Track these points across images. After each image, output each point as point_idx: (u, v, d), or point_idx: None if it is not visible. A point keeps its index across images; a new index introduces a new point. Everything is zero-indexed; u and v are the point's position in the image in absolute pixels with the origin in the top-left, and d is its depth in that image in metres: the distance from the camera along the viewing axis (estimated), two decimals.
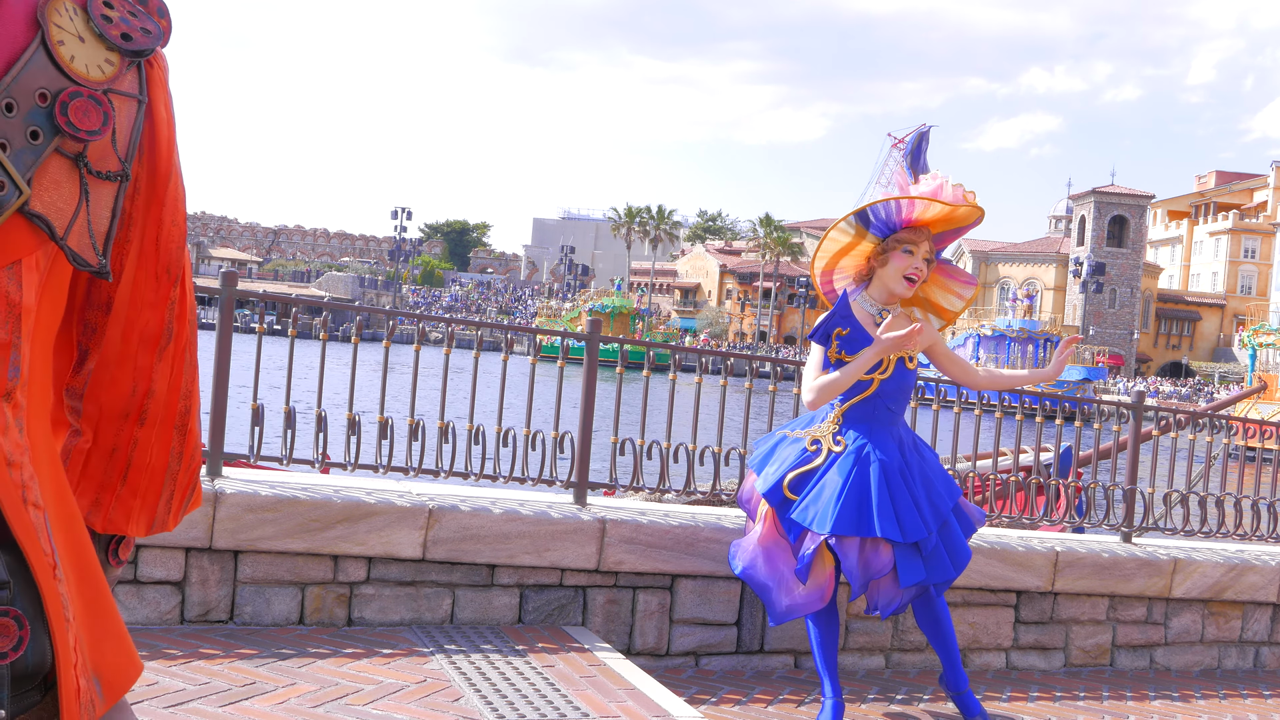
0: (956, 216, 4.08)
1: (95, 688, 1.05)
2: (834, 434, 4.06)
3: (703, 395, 5.07)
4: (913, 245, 4.04)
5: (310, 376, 4.79)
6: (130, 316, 1.13)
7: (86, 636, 1.05)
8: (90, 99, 0.99)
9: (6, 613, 0.95)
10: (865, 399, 4.05)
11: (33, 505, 0.99)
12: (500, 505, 4.45)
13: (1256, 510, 6.03)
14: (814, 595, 4.06)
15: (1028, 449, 8.32)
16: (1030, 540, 5.31)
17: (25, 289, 0.98)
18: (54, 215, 0.98)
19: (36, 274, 0.99)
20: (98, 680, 1.06)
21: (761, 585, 4.14)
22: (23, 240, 0.96)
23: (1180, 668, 5.60)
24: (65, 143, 0.98)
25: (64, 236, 0.99)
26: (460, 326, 5.00)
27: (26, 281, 0.98)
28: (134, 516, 1.19)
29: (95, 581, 1.08)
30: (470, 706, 3.47)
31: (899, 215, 4.05)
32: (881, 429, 4.06)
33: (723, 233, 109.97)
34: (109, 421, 1.16)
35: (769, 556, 4.12)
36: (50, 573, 0.99)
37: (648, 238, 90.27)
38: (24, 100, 0.95)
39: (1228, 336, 78.70)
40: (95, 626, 1.07)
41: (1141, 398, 5.93)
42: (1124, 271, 76.38)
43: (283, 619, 4.15)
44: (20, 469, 0.98)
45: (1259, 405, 25.63)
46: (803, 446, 4.08)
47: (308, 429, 4.68)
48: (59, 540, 1.03)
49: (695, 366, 5.44)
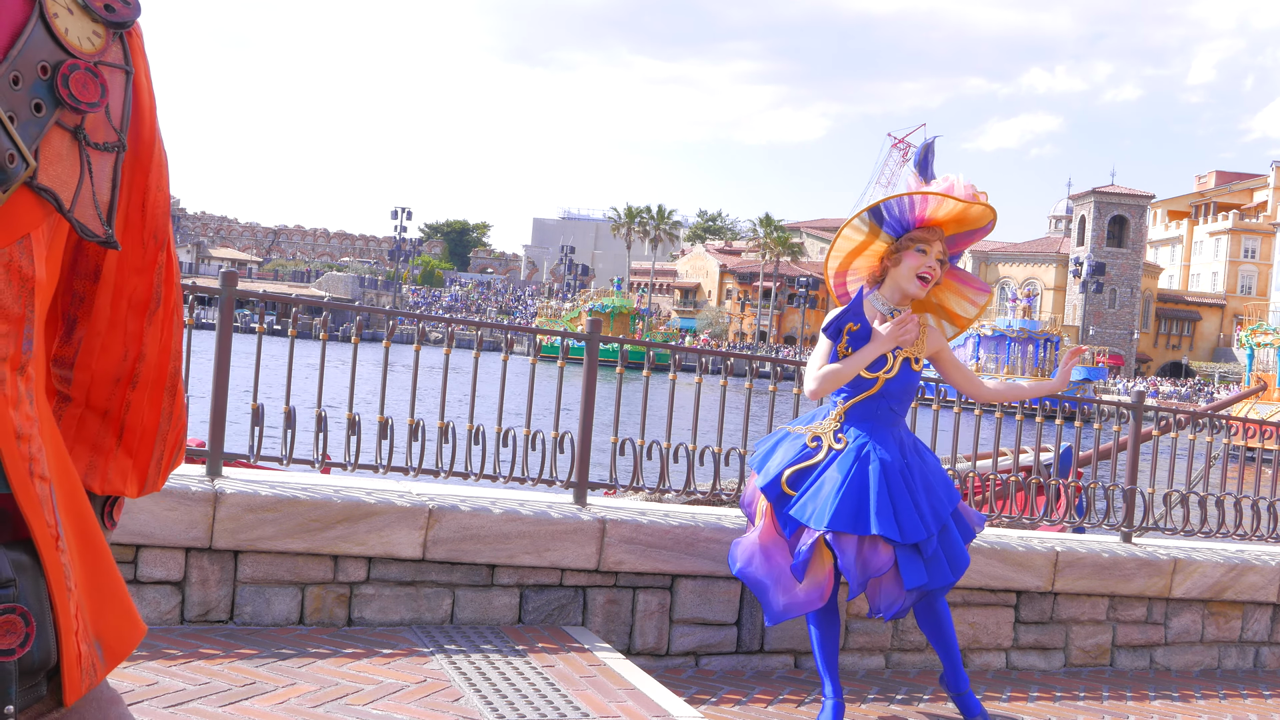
0: (970, 217, 4.08)
1: (97, 652, 1.07)
2: (835, 431, 4.05)
3: (703, 395, 5.07)
4: (926, 245, 4.04)
5: (310, 376, 4.79)
6: (119, 283, 1.14)
7: (88, 601, 1.07)
8: (87, 71, 1.00)
9: (13, 610, 0.96)
10: (869, 398, 4.05)
11: (39, 478, 1.00)
12: (500, 505, 4.45)
13: (1256, 510, 6.03)
14: (812, 594, 4.04)
15: (1028, 449, 8.32)
16: (1030, 540, 5.31)
17: (36, 262, 0.99)
18: (60, 188, 0.99)
19: (44, 247, 1.01)
20: (99, 644, 1.08)
21: (758, 584, 4.13)
22: (32, 214, 0.98)
23: (1180, 668, 5.60)
24: (65, 115, 0.99)
25: (70, 209, 1.00)
26: (460, 326, 5.00)
27: (37, 255, 1.00)
28: (129, 477, 1.21)
29: (97, 547, 1.10)
30: (470, 706, 3.47)
31: (912, 213, 4.04)
32: (884, 429, 4.05)
33: (723, 233, 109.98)
34: (101, 387, 1.17)
35: (767, 554, 4.11)
36: (53, 545, 1.01)
37: (648, 238, 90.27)
38: (28, 73, 0.96)
39: (1228, 336, 78.67)
40: (97, 591, 1.09)
41: (1141, 398, 5.93)
42: (1124, 271, 76.38)
43: (283, 619, 4.15)
44: (30, 441, 1.00)
45: (1257, 405, 25.59)
46: (803, 442, 4.07)
47: (308, 429, 4.68)
48: (63, 509, 1.04)
49: (695, 366, 5.44)
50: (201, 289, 4.67)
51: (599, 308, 64.00)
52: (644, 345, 5.24)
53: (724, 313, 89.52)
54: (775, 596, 4.09)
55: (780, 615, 4.09)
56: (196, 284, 4.70)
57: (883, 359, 4.03)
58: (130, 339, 1.16)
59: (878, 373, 4.03)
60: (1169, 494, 5.94)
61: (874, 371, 4.02)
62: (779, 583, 4.08)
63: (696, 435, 5.04)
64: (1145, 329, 79.95)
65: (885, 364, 4.04)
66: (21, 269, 0.98)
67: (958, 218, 4.07)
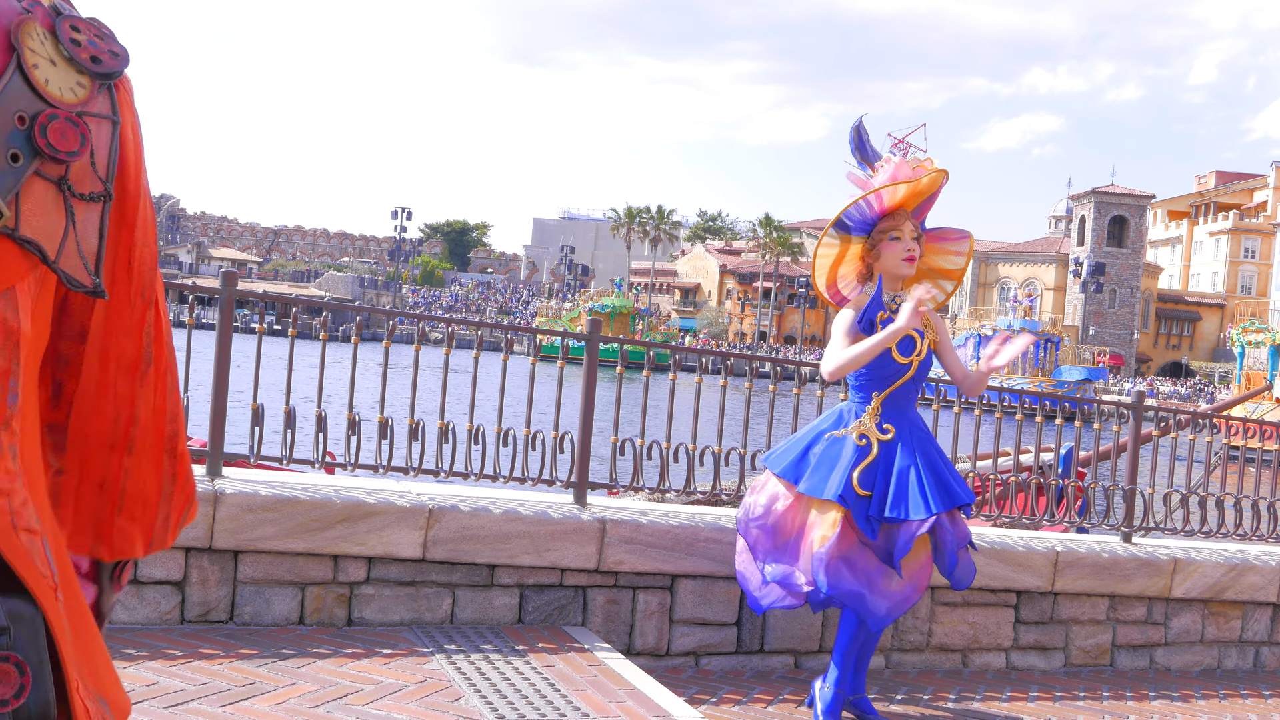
0: (923, 189, 4.17)
1: (104, 709, 1.06)
2: (877, 424, 4.06)
3: (703, 395, 5.07)
4: (897, 230, 4.12)
5: (310, 377, 4.78)
6: (106, 344, 1.12)
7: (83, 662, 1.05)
8: (67, 120, 0.99)
9: (7, 659, 0.94)
10: (903, 385, 4.08)
11: (25, 530, 0.99)
12: (500, 505, 4.45)
13: (1256, 510, 6.03)
14: (909, 588, 4.02)
15: (1029, 449, 8.32)
16: (1030, 540, 5.31)
17: (21, 315, 0.99)
18: (44, 239, 0.98)
19: (30, 300, 1.00)
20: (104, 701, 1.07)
21: (855, 594, 3.98)
22: (16, 265, 0.97)
23: (1180, 668, 5.60)
24: (46, 165, 0.98)
25: (56, 260, 0.99)
26: (460, 326, 5.00)
27: (22, 307, 0.99)
28: (135, 540, 1.19)
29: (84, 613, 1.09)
30: (470, 706, 3.47)
31: (872, 211, 4.15)
32: (911, 414, 4.12)
33: (723, 233, 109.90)
34: (95, 453, 1.15)
35: (850, 563, 3.99)
36: (52, 594, 1.00)
37: (648, 238, 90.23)
38: (3, 123, 0.95)
39: (1227, 337, 78.64)
40: (89, 654, 1.08)
41: (1141, 398, 5.93)
42: (1124, 271, 76.35)
43: (283, 619, 4.15)
44: (11, 496, 0.98)
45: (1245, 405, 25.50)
46: (853, 444, 4.03)
47: (308, 429, 4.68)
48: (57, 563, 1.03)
49: (695, 366, 5.44)
50: (201, 289, 4.68)
51: (599, 308, 63.99)
52: (644, 345, 5.24)
53: (724, 313, 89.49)
54: (876, 602, 3.98)
55: (885, 620, 4.00)
56: (196, 284, 4.71)
57: (913, 343, 4.06)
58: (121, 402, 1.14)
59: (910, 357, 4.06)
60: (1169, 494, 5.94)
61: (906, 356, 4.05)
62: (873, 587, 3.98)
63: (696, 435, 5.04)
64: (1145, 329, 79.93)
65: (915, 347, 4.07)
66: (6, 321, 0.97)
67: (913, 193, 4.17)
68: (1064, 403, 5.75)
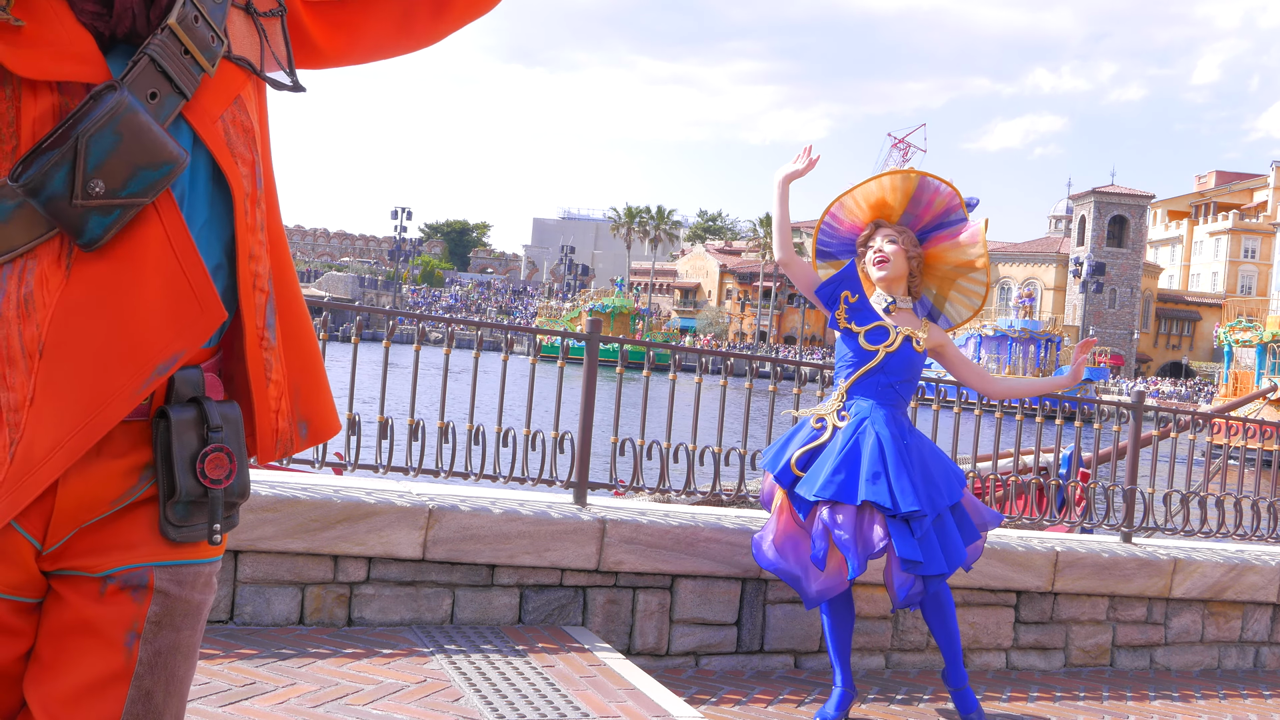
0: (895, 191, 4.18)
1: (299, 430, 1.29)
2: (838, 410, 4.10)
3: (703, 395, 5.07)
4: (870, 243, 4.21)
5: None
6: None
7: (302, 389, 1.30)
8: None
9: (221, 449, 1.18)
10: (869, 373, 4.08)
11: (259, 290, 1.23)
12: (500, 505, 4.45)
13: (1256, 510, 6.03)
14: (836, 576, 4.07)
15: (1030, 450, 8.32)
16: (1030, 540, 5.31)
17: (251, 115, 1.23)
18: (250, 55, 1.22)
19: (253, 107, 1.24)
20: (305, 424, 1.30)
21: (791, 575, 4.15)
22: (236, 79, 1.21)
23: (1180, 668, 5.60)
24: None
25: (261, 69, 1.24)
26: (460, 326, 5.00)
27: (249, 110, 1.23)
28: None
29: (308, 349, 1.30)
30: (470, 706, 3.47)
31: (841, 232, 4.28)
32: (885, 408, 4.07)
33: (723, 233, 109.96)
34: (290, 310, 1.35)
35: (794, 545, 4.13)
36: (258, 342, 1.22)
37: (648, 238, 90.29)
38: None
39: (1215, 335, 78.60)
40: (306, 385, 1.31)
41: (1141, 398, 5.93)
42: (1124, 271, 76.35)
43: (283, 619, 4.15)
44: (259, 261, 1.23)
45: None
46: (809, 426, 4.13)
47: None
48: (279, 316, 1.26)
49: (695, 366, 5.44)
50: None
51: (599, 308, 63.98)
52: (644, 345, 5.24)
53: (724, 313, 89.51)
54: (808, 584, 4.11)
55: (816, 600, 4.11)
56: None
57: (884, 333, 4.08)
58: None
59: (878, 346, 4.06)
60: (1169, 494, 5.94)
61: (874, 344, 4.06)
62: (809, 570, 4.10)
63: (696, 435, 5.04)
64: (1145, 329, 79.93)
65: (887, 338, 4.07)
66: (243, 122, 1.21)
67: (881, 201, 4.19)
68: (1064, 403, 5.75)
